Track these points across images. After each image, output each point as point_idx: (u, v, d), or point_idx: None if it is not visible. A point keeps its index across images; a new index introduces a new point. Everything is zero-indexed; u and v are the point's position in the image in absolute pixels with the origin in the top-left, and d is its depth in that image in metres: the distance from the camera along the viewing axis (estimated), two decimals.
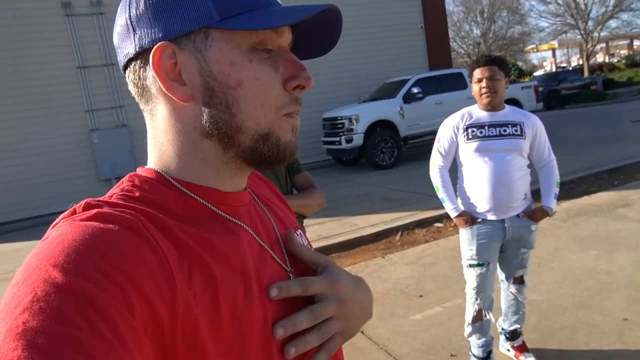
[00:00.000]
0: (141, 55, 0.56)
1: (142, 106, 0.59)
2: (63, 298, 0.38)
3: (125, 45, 0.57)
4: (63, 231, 0.45)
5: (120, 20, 0.57)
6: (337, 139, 10.15)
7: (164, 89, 0.55)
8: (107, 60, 10.22)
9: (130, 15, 0.56)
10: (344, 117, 10.07)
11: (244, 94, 0.54)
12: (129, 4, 0.56)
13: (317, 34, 0.63)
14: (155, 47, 0.53)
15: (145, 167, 0.60)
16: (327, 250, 5.26)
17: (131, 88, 0.59)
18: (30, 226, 9.04)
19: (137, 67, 0.57)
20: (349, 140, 9.95)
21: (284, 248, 0.65)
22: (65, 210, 0.50)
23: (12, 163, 9.59)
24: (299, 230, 0.74)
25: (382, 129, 10.15)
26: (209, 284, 0.50)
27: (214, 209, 0.58)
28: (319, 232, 5.75)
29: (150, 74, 0.56)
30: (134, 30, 0.55)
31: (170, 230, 0.50)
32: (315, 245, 5.30)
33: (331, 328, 0.60)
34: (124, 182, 0.57)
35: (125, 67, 0.58)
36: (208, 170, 0.58)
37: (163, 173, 0.57)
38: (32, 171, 9.71)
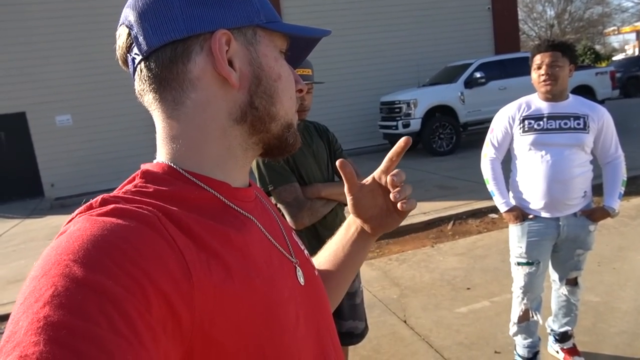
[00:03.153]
0: (187, 40, 0.56)
1: (158, 96, 0.58)
2: (83, 294, 0.39)
3: (167, 28, 0.55)
4: (81, 226, 0.45)
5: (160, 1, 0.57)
6: (394, 123, 9.98)
7: (222, 73, 0.57)
8: None
9: None
10: (402, 101, 9.87)
11: (282, 87, 0.62)
12: None
13: (294, 50, 0.69)
14: (218, 33, 0.56)
15: (155, 161, 0.60)
16: None
17: (148, 76, 0.58)
18: None
19: (175, 53, 0.56)
20: (405, 125, 9.76)
21: (287, 238, 0.70)
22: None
23: (85, 139, 10.25)
24: (293, 232, 0.77)
25: (441, 114, 9.87)
26: (228, 275, 0.51)
27: (227, 202, 0.59)
28: None
29: (197, 59, 0.57)
30: (183, 14, 0.56)
31: (186, 224, 0.50)
32: None
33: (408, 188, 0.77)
34: (136, 178, 0.57)
35: (150, 52, 0.56)
36: (227, 159, 0.60)
37: (175, 166, 0.57)
38: (103, 147, 10.33)
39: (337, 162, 0.80)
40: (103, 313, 0.39)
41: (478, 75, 9.87)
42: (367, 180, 0.82)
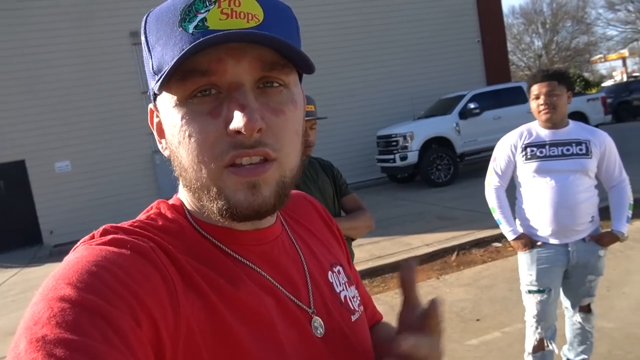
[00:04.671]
0: None
1: None
2: (77, 312, 0.41)
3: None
4: (79, 254, 0.48)
5: None
6: (392, 156, 10.04)
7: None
8: None
9: None
10: (399, 134, 9.97)
11: (185, 153, 0.53)
12: None
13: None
14: (149, 109, 0.60)
15: (177, 195, 0.63)
16: (380, 270, 5.17)
17: None
18: None
19: None
20: (403, 158, 9.82)
21: (310, 287, 0.63)
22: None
23: (84, 184, 10.25)
24: (337, 267, 0.71)
25: (437, 145, 9.94)
26: (210, 318, 0.50)
27: (227, 249, 0.58)
28: (372, 251, 5.66)
29: None
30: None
31: (179, 261, 0.52)
32: (368, 265, 5.24)
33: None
34: (153, 208, 0.61)
35: None
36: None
37: (184, 207, 0.60)
38: (101, 192, 10.32)
39: (401, 267, 0.62)
40: (96, 328, 0.41)
41: (472, 106, 10.01)
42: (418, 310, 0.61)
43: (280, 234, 0.65)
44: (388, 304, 4.29)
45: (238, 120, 0.49)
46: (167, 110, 0.54)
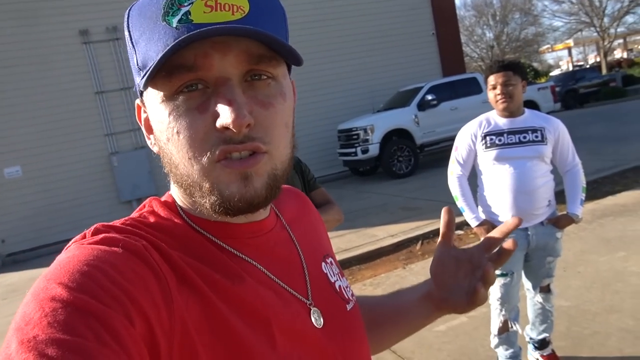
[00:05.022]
0: None
1: None
2: (69, 312, 0.41)
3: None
4: (70, 254, 0.47)
5: None
6: (353, 150, 10.14)
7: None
8: (124, 84, 10.43)
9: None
10: (359, 127, 10.07)
11: (174, 149, 0.52)
12: None
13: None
14: (136, 105, 0.60)
15: (169, 192, 0.62)
16: (347, 263, 5.22)
17: None
18: (57, 251, 8.78)
19: None
20: (364, 151, 9.93)
21: (308, 278, 0.63)
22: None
23: (37, 190, 9.81)
24: (330, 259, 0.72)
25: (397, 137, 10.11)
26: (206, 315, 0.50)
27: (221, 243, 0.57)
28: (339, 244, 5.72)
29: None
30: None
31: (172, 258, 0.51)
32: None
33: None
34: (145, 206, 0.60)
35: None
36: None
37: (176, 204, 0.60)
38: (56, 197, 9.91)
39: (444, 209, 0.74)
40: (89, 328, 0.40)
41: (429, 97, 10.22)
42: (464, 247, 0.74)
43: (274, 226, 0.65)
44: (357, 295, 4.34)
45: (226, 117, 0.49)
46: (154, 107, 0.53)
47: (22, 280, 7.27)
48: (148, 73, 0.50)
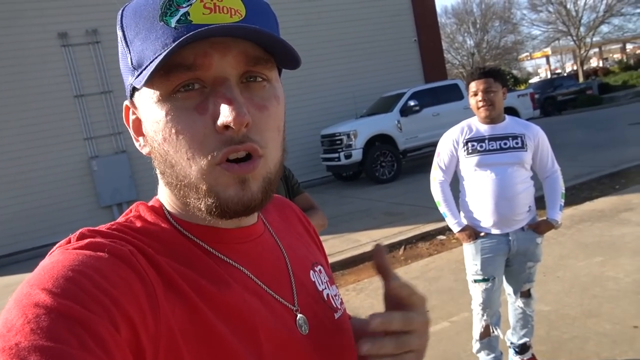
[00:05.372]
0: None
1: None
2: (52, 319, 0.40)
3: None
4: (55, 259, 0.46)
5: None
6: (336, 155, 10.16)
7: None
8: (104, 87, 10.29)
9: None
10: (342, 133, 10.10)
11: (171, 150, 0.52)
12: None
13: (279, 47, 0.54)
14: (124, 106, 0.58)
15: (156, 196, 0.62)
16: (330, 267, 5.21)
17: None
18: (34, 257, 8.99)
19: None
20: (347, 156, 9.96)
21: (294, 285, 0.63)
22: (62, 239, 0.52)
23: (13, 194, 9.59)
24: (318, 267, 0.71)
25: (380, 143, 10.16)
26: (192, 320, 0.50)
27: (209, 248, 0.57)
28: None
29: None
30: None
31: (159, 263, 0.51)
32: None
33: (410, 342, 0.54)
34: (132, 211, 0.59)
35: None
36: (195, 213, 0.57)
37: (164, 208, 0.59)
38: (33, 201, 9.70)
39: (373, 256, 0.63)
40: (73, 334, 0.39)
41: (412, 103, 10.31)
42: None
43: (262, 232, 0.65)
44: None
45: (226, 115, 0.49)
46: (149, 106, 0.53)
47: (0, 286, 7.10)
48: (148, 71, 0.50)
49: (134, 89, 0.55)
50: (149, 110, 0.53)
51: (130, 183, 10.17)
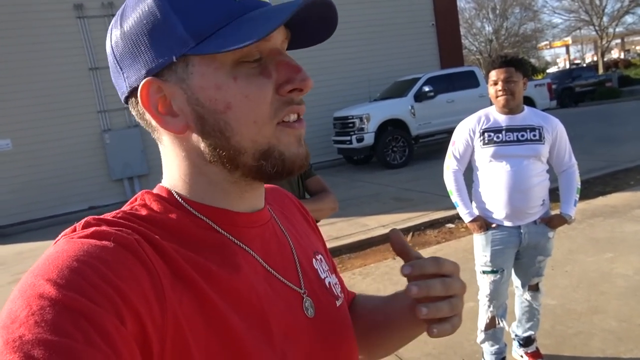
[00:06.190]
0: (134, 91, 0.56)
1: (151, 134, 0.61)
2: (57, 311, 0.40)
3: (119, 84, 0.57)
4: (60, 248, 0.46)
5: (109, 58, 0.57)
6: (348, 138, 10.12)
7: (159, 124, 0.55)
8: None
9: (114, 55, 0.56)
10: (355, 116, 10.05)
11: (235, 116, 0.53)
12: (111, 41, 0.56)
13: (310, 22, 0.58)
14: (140, 86, 0.53)
15: (160, 184, 0.61)
16: (337, 251, 5.24)
17: (137, 119, 0.60)
18: (46, 226, 9.14)
19: (134, 103, 0.57)
20: (359, 140, 9.92)
21: (300, 270, 0.65)
22: (68, 227, 0.52)
23: (26, 164, 9.71)
24: (319, 255, 0.72)
25: (393, 128, 10.10)
26: (201, 308, 0.50)
27: (222, 231, 0.57)
28: (330, 232, 5.72)
29: (146, 110, 0.56)
30: (121, 70, 0.56)
31: (166, 251, 0.50)
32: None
33: (458, 304, 0.60)
34: (137, 199, 0.58)
35: (127, 101, 0.59)
36: (215, 192, 0.58)
37: (173, 192, 0.58)
38: (46, 172, 9.82)
39: (390, 238, 0.66)
40: (78, 328, 0.39)
41: (427, 89, 10.20)
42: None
43: (269, 218, 0.66)
44: (346, 284, 4.36)
45: (302, 78, 0.54)
46: (208, 74, 0.52)
47: (10, 254, 7.23)
48: (262, 31, 0.49)
49: (169, 64, 0.52)
50: (208, 78, 0.52)
51: (142, 157, 10.23)
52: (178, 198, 0.58)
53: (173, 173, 0.59)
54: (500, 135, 2.41)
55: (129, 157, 10.18)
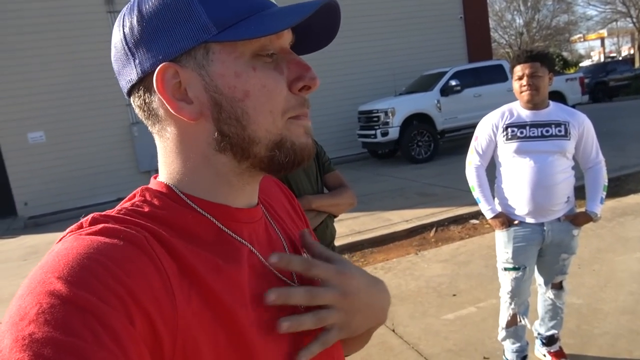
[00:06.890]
0: (144, 79, 0.55)
1: (150, 128, 0.60)
2: (67, 310, 0.40)
3: (126, 72, 0.57)
4: (68, 245, 0.46)
5: (116, 45, 0.57)
6: (373, 132, 10.06)
7: (172, 111, 0.54)
8: None
9: (126, 41, 0.55)
10: (380, 110, 9.97)
11: (252, 104, 0.54)
12: (123, 28, 0.55)
13: (314, 28, 0.61)
14: (157, 70, 0.53)
15: (157, 179, 0.60)
16: (359, 245, 5.24)
17: (138, 112, 0.60)
18: (75, 216, 9.17)
19: (141, 92, 0.57)
20: (384, 134, 9.85)
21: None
22: (75, 223, 0.52)
23: (59, 156, 10.01)
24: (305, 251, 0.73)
25: (418, 122, 9.99)
26: (208, 304, 0.50)
27: (222, 226, 0.57)
28: (352, 226, 5.73)
29: (156, 97, 0.55)
30: (133, 55, 0.55)
31: (173, 248, 0.50)
32: (348, 240, 5.30)
33: (328, 316, 0.58)
34: (136, 196, 0.58)
35: (129, 92, 0.58)
36: (219, 184, 0.58)
37: (174, 188, 0.58)
38: (77, 163, 10.10)
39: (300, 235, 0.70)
40: (88, 327, 0.39)
41: (453, 83, 10.04)
42: None
43: (262, 215, 0.66)
44: None
45: (312, 77, 0.56)
46: (229, 62, 0.53)
47: (43, 243, 7.47)
48: (287, 21, 0.52)
49: (187, 51, 0.53)
50: (228, 67, 0.53)
51: None
52: (179, 193, 0.57)
53: (175, 167, 0.58)
54: (524, 130, 2.36)
55: (156, 149, 10.36)
